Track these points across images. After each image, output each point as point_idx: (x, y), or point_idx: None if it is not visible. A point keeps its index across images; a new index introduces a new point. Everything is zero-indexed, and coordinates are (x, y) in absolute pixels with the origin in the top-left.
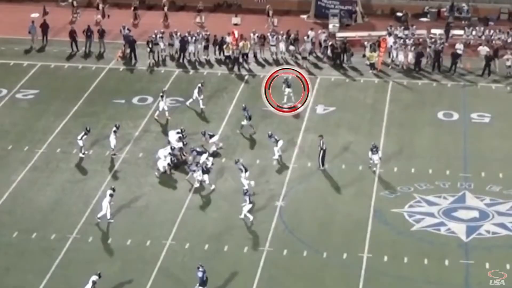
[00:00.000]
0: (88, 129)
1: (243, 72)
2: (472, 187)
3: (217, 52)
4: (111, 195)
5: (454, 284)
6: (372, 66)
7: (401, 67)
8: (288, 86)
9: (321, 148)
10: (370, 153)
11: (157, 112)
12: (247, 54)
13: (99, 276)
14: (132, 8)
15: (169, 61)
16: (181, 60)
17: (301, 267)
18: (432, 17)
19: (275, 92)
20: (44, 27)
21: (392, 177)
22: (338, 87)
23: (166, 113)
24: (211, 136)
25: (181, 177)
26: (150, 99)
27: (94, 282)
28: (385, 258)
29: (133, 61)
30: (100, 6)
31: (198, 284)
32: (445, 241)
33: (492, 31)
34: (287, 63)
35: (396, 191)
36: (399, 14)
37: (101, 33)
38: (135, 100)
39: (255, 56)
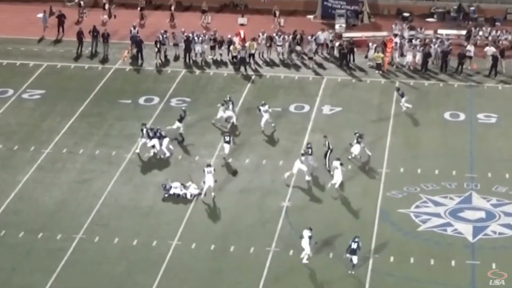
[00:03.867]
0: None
1: (250, 72)
2: (479, 187)
3: (223, 53)
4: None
5: (461, 285)
6: (378, 66)
7: (407, 67)
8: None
9: (329, 148)
10: (354, 141)
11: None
12: (253, 55)
13: None
14: (139, 8)
15: (175, 61)
16: (187, 60)
17: (307, 267)
18: (438, 17)
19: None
20: (61, 18)
21: (399, 177)
22: (344, 87)
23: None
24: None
25: (187, 179)
26: (156, 99)
27: None
28: (392, 259)
29: (140, 61)
30: (107, 6)
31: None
32: (451, 241)
33: (499, 32)
34: (293, 63)
35: (403, 192)
36: (405, 14)
37: (106, 37)
38: (141, 100)
39: (262, 56)
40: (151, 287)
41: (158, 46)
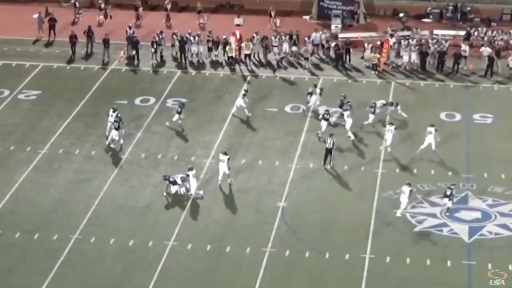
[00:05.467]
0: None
1: (246, 73)
2: (475, 188)
3: (219, 53)
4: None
5: (457, 285)
6: (374, 67)
7: (403, 68)
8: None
9: (332, 147)
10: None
11: (235, 108)
12: (249, 55)
13: None
14: (135, 9)
15: (171, 62)
16: (183, 61)
17: (303, 267)
18: (434, 18)
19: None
20: (52, 22)
21: (395, 177)
22: (340, 88)
23: (246, 110)
24: None
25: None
26: (152, 100)
27: None
28: (388, 259)
29: (136, 61)
30: (103, 6)
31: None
32: (447, 242)
33: (494, 32)
34: (290, 63)
35: (399, 192)
36: (401, 15)
37: (107, 41)
38: (137, 101)
39: (257, 57)
40: (147, 287)
41: (154, 46)
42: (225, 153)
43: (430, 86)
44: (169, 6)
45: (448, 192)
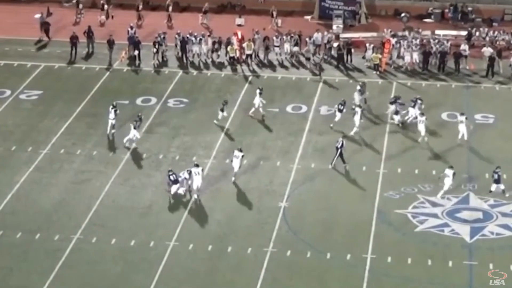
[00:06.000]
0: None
1: (247, 73)
2: (476, 188)
3: (220, 54)
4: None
5: (458, 285)
6: (376, 67)
7: (405, 68)
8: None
9: (342, 147)
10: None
11: (253, 109)
12: (251, 55)
13: None
14: (136, 9)
15: (172, 62)
16: (184, 61)
17: (304, 268)
18: (436, 18)
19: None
20: (46, 25)
21: (396, 178)
22: (342, 88)
23: (261, 109)
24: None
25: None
26: (154, 100)
27: None
28: (389, 259)
29: (137, 62)
30: (105, 6)
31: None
32: (449, 242)
33: (496, 32)
34: (292, 64)
35: (400, 192)
36: (402, 15)
37: (112, 43)
38: (139, 101)
39: (257, 56)
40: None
41: (156, 46)
42: (240, 150)
43: (431, 86)
44: (170, 6)
45: (496, 177)
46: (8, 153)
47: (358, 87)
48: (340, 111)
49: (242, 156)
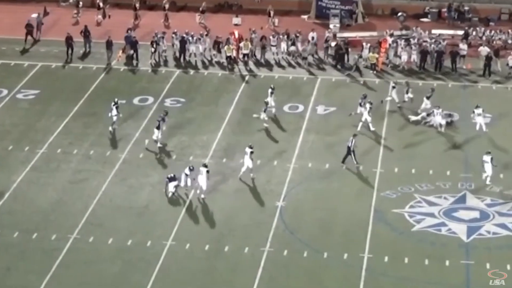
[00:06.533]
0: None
1: (244, 72)
2: (473, 187)
3: (216, 53)
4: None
5: (455, 285)
6: (372, 66)
7: (402, 67)
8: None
9: (352, 147)
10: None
11: (274, 109)
12: (247, 55)
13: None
14: (133, 8)
15: (170, 62)
16: (181, 60)
17: (301, 267)
18: (432, 17)
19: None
20: (29, 28)
21: (393, 177)
22: (339, 87)
23: (273, 109)
24: None
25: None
26: (151, 99)
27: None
28: (386, 259)
29: (135, 61)
30: (101, 6)
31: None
32: (445, 241)
33: (493, 32)
34: (289, 63)
35: (397, 192)
36: (399, 14)
37: (110, 44)
38: (136, 101)
39: (255, 56)
40: (146, 287)
41: (154, 46)
42: (250, 146)
43: (428, 86)
44: (167, 6)
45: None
46: (5, 152)
47: (392, 84)
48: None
49: (251, 152)
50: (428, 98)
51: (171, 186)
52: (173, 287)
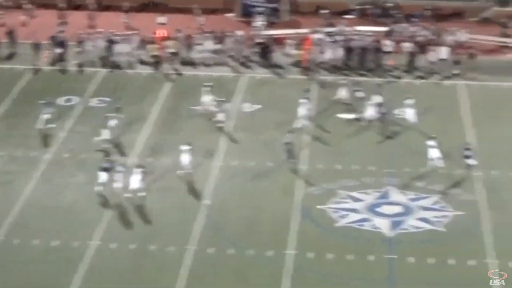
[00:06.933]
0: None
1: (170, 71)
2: (397, 182)
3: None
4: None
5: (378, 279)
6: (298, 64)
7: (327, 64)
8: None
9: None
10: None
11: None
12: (174, 53)
13: None
14: (58, 8)
15: (97, 61)
16: (108, 60)
17: (227, 265)
18: (357, 14)
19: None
20: None
21: (319, 174)
22: (264, 85)
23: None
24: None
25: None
26: (76, 99)
27: None
28: (311, 255)
29: (61, 61)
30: (26, 6)
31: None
32: (369, 236)
33: (415, 28)
34: (215, 61)
35: (322, 188)
36: (323, 11)
37: (38, 45)
38: (61, 101)
39: (180, 55)
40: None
41: (80, 46)
42: (188, 144)
43: (353, 82)
44: (92, 5)
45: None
46: None
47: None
48: None
49: (189, 149)
50: (358, 92)
51: (103, 176)
52: (101, 286)
